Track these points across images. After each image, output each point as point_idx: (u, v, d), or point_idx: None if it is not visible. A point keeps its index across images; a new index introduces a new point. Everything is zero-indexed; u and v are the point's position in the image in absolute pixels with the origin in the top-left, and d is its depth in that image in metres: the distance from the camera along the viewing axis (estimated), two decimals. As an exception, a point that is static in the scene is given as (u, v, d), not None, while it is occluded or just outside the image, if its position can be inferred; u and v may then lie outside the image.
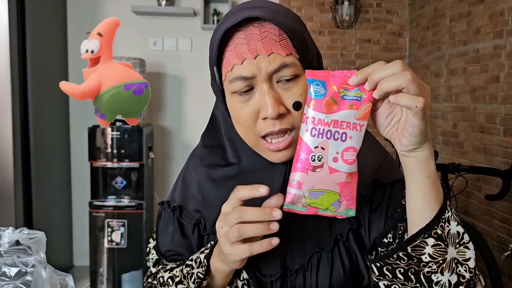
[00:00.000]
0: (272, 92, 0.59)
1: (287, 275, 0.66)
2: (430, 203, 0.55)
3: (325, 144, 0.52)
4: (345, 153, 0.53)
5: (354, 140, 0.53)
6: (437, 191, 0.55)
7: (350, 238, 0.66)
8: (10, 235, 0.50)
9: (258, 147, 0.64)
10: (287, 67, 0.58)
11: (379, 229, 0.64)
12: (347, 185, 0.53)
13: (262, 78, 0.59)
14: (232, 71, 0.60)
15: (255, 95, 0.60)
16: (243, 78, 0.59)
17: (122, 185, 2.44)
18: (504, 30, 2.12)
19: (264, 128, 0.61)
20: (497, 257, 1.98)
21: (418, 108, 0.48)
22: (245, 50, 0.58)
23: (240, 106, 0.62)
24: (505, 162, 2.11)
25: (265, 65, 0.58)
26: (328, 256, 0.65)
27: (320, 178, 0.53)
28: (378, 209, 0.66)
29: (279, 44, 0.58)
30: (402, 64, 0.49)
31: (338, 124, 0.52)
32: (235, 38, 0.59)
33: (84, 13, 2.83)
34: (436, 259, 0.54)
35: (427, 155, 0.53)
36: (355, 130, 0.53)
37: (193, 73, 2.95)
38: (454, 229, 0.55)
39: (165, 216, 0.77)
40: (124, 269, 2.44)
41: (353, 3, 2.94)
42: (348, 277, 0.65)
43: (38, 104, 2.35)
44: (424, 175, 0.54)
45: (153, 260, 0.78)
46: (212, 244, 0.66)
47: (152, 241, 0.79)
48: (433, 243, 0.54)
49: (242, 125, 0.63)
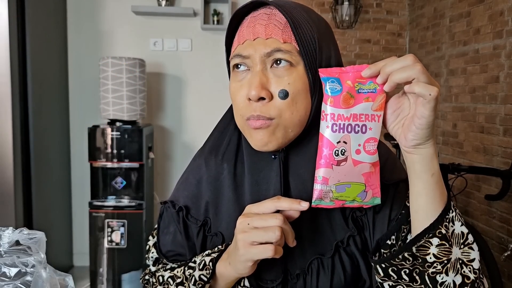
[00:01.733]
0: (260, 75, 0.60)
1: (287, 279, 0.66)
2: (433, 202, 0.55)
3: (347, 138, 0.54)
4: (367, 144, 0.54)
5: (373, 131, 0.54)
6: (440, 190, 0.56)
7: (351, 244, 0.65)
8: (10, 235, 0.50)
9: (245, 131, 0.65)
10: (282, 52, 0.60)
11: (382, 230, 0.64)
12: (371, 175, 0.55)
13: (256, 59, 0.61)
14: (235, 50, 0.63)
15: (248, 76, 0.62)
16: (240, 56, 0.62)
17: (122, 185, 2.44)
18: (504, 30, 2.12)
19: (246, 110, 0.62)
20: (497, 257, 1.98)
21: (432, 96, 0.49)
22: (249, 32, 0.62)
23: (234, 85, 0.64)
24: (505, 162, 2.11)
25: (261, 47, 0.60)
26: (329, 262, 0.65)
27: (345, 171, 0.54)
28: (382, 210, 0.65)
29: (280, 31, 0.60)
30: (413, 57, 0.51)
31: (357, 117, 0.54)
32: (246, 22, 0.63)
33: (84, 13, 2.83)
34: (441, 259, 0.54)
35: (430, 152, 0.54)
36: (373, 121, 0.54)
37: (193, 73, 2.95)
38: (458, 230, 0.56)
39: (166, 216, 0.76)
40: (124, 269, 2.44)
41: (353, 3, 2.94)
42: (349, 281, 0.64)
43: (38, 104, 2.35)
44: (428, 174, 0.55)
45: (152, 259, 0.77)
46: (221, 248, 0.65)
47: (152, 239, 0.78)
48: (437, 242, 0.54)
49: (234, 106, 0.65)
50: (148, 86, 2.85)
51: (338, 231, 0.66)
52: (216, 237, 0.70)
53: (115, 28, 2.87)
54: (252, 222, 0.57)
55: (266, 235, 0.56)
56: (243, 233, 0.57)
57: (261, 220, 0.57)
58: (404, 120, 0.55)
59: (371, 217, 0.66)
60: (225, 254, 0.63)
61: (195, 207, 0.73)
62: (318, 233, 0.66)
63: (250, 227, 0.57)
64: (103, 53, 2.85)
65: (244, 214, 0.60)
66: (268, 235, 0.56)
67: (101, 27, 2.86)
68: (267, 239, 0.56)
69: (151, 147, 2.62)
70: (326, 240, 0.65)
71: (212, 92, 2.96)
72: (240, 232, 0.58)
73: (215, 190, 0.71)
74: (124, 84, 2.39)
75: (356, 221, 0.66)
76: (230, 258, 0.61)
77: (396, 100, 0.55)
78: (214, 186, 0.72)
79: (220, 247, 0.65)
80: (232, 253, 0.60)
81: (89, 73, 2.84)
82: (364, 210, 0.66)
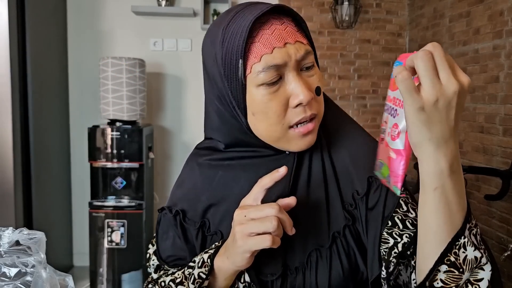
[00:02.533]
0: (301, 78, 0.61)
1: (287, 273, 0.66)
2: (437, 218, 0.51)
3: (387, 119, 0.56)
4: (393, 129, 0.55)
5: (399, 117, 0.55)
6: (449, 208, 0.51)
7: (347, 235, 0.66)
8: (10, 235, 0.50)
9: (283, 139, 0.64)
10: (310, 54, 0.62)
11: (377, 227, 0.64)
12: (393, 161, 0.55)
13: (291, 66, 0.60)
14: (261, 61, 0.59)
15: (283, 84, 0.61)
16: (275, 67, 0.59)
17: (122, 185, 2.44)
18: (504, 30, 2.12)
19: (296, 115, 0.62)
20: (497, 257, 1.98)
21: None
22: (273, 39, 0.59)
23: (269, 98, 0.61)
24: (504, 162, 2.11)
25: (294, 52, 0.60)
26: (327, 254, 0.65)
27: (382, 149, 0.57)
28: (375, 207, 0.65)
29: (298, 33, 0.62)
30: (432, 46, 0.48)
31: (395, 101, 0.55)
32: (259, 30, 0.60)
33: (84, 13, 2.83)
34: (449, 285, 0.52)
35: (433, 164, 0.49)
36: (402, 107, 0.54)
37: (193, 73, 2.95)
38: (471, 255, 0.52)
39: (164, 222, 0.75)
40: (124, 269, 2.44)
41: (352, 3, 2.94)
42: (347, 275, 0.65)
43: (38, 104, 2.35)
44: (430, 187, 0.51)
45: (154, 266, 0.77)
46: (218, 244, 0.65)
47: (152, 247, 0.78)
48: (445, 269, 0.52)
49: (270, 118, 0.62)
50: (148, 86, 2.85)
51: (334, 221, 0.66)
52: (216, 236, 0.70)
53: (115, 28, 2.87)
54: (248, 213, 0.58)
55: (263, 225, 0.56)
56: (241, 225, 0.58)
57: (257, 211, 0.57)
58: None
59: (364, 213, 0.66)
60: (222, 249, 0.63)
61: (192, 210, 0.72)
62: (315, 224, 0.66)
63: (247, 219, 0.58)
64: (103, 53, 2.85)
65: (240, 207, 0.60)
66: (265, 225, 0.56)
67: (101, 27, 2.86)
68: (264, 229, 0.56)
69: (151, 147, 2.62)
70: (324, 231, 0.66)
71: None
72: (237, 225, 0.58)
73: (212, 191, 0.71)
74: (124, 84, 2.39)
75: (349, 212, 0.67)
76: (227, 252, 0.61)
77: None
78: (211, 187, 0.72)
79: (217, 244, 0.66)
80: (230, 246, 0.60)
81: (89, 73, 2.84)
82: (355, 204, 0.66)
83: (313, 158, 0.69)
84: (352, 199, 0.67)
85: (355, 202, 0.66)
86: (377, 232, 0.64)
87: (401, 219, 0.63)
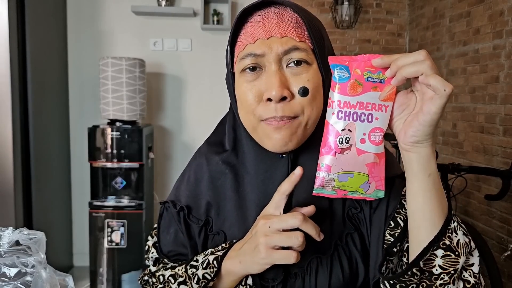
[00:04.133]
0: (279, 74, 0.59)
1: (287, 278, 0.66)
2: (430, 203, 0.55)
3: (352, 126, 0.53)
4: (372, 134, 0.54)
5: (380, 121, 0.54)
6: (438, 193, 0.55)
7: (349, 242, 0.66)
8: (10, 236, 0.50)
9: (256, 132, 0.64)
10: (298, 50, 0.59)
11: (380, 227, 0.64)
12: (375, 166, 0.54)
13: (272, 58, 0.59)
14: (244, 49, 0.61)
15: (262, 76, 0.61)
16: (253, 55, 0.60)
17: (122, 185, 2.44)
18: (504, 30, 2.12)
19: (265, 112, 0.60)
20: (497, 257, 1.98)
21: (446, 93, 0.48)
22: (260, 31, 0.60)
23: (246, 86, 0.62)
24: (504, 162, 2.11)
25: (277, 45, 0.59)
26: (328, 261, 0.65)
27: (349, 160, 0.54)
28: (379, 207, 0.65)
29: (294, 30, 0.60)
30: (425, 53, 0.50)
31: (364, 105, 0.53)
32: (253, 21, 0.61)
33: (84, 13, 2.83)
34: (448, 269, 0.54)
35: (428, 152, 0.54)
36: (380, 111, 0.54)
37: (193, 73, 2.95)
38: (462, 239, 0.55)
39: (167, 215, 0.75)
40: (124, 269, 2.44)
41: (353, 3, 2.94)
42: (347, 280, 0.64)
43: (38, 104, 2.35)
44: (424, 173, 0.54)
45: (152, 259, 0.76)
46: (226, 246, 0.65)
47: (151, 239, 0.77)
48: (442, 254, 0.54)
49: (245, 107, 0.63)
50: (148, 86, 2.85)
51: (337, 229, 0.66)
52: (218, 236, 0.70)
53: (115, 28, 2.87)
54: (272, 224, 0.57)
55: (289, 240, 0.56)
56: (265, 237, 0.57)
57: (281, 222, 0.57)
58: (408, 116, 0.55)
59: (368, 214, 0.66)
60: (232, 251, 0.63)
61: (196, 207, 0.72)
62: None
63: (272, 230, 0.57)
64: (103, 53, 2.85)
65: (263, 216, 0.59)
66: (291, 241, 0.56)
67: (101, 27, 2.86)
68: (290, 244, 0.56)
69: (151, 147, 2.62)
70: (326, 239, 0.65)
71: (212, 92, 2.96)
72: (262, 236, 0.57)
73: (217, 190, 0.71)
74: (124, 84, 2.39)
75: (353, 218, 0.66)
76: (241, 257, 0.61)
77: (404, 96, 0.55)
78: (216, 185, 0.71)
79: (225, 245, 0.65)
80: (248, 254, 0.60)
81: (89, 73, 2.84)
82: (359, 207, 0.66)
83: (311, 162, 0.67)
84: (356, 201, 0.66)
85: (359, 204, 0.66)
86: (380, 232, 0.64)
87: (403, 220, 0.64)
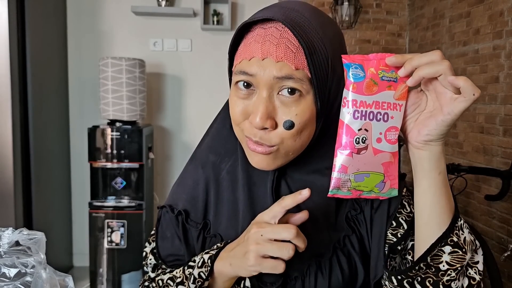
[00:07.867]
0: (267, 102, 0.57)
1: (286, 282, 0.66)
2: (439, 201, 0.56)
3: (369, 126, 0.53)
4: (388, 133, 0.54)
5: (395, 119, 0.54)
6: (447, 192, 0.56)
7: (347, 244, 0.65)
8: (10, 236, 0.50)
9: (243, 143, 0.64)
10: (293, 80, 0.55)
11: (381, 227, 0.64)
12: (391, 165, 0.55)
13: (264, 81, 0.56)
14: (240, 64, 0.59)
15: (253, 97, 0.59)
16: (245, 74, 0.58)
17: (122, 186, 2.44)
18: (504, 30, 2.12)
19: (247, 130, 0.60)
20: (497, 257, 1.98)
21: (474, 97, 0.49)
22: (257, 48, 0.56)
23: (236, 100, 0.61)
24: (504, 163, 2.11)
25: (270, 69, 0.56)
26: (327, 264, 0.65)
27: (365, 160, 0.53)
28: (380, 207, 0.65)
29: (293, 55, 0.55)
30: (440, 53, 0.51)
31: (379, 105, 0.53)
32: (255, 33, 0.58)
33: (84, 13, 2.83)
34: (455, 266, 0.55)
35: (439, 150, 0.55)
36: (395, 110, 0.54)
37: (193, 74, 2.95)
38: (468, 237, 0.57)
39: (164, 220, 0.74)
40: (124, 269, 2.44)
41: (352, 3, 2.94)
42: (346, 281, 0.64)
43: (38, 104, 2.35)
44: (435, 171, 0.55)
45: (151, 265, 0.76)
46: (219, 246, 0.64)
47: (148, 245, 0.77)
48: (449, 250, 0.55)
49: (233, 120, 0.63)
50: (148, 86, 2.85)
51: (335, 231, 0.66)
52: (214, 239, 0.70)
53: (115, 28, 2.87)
54: (265, 233, 0.56)
55: (279, 251, 0.55)
56: (257, 245, 0.56)
57: (274, 233, 0.56)
58: (419, 115, 0.55)
59: (369, 214, 0.66)
60: (224, 252, 0.63)
61: (194, 210, 0.72)
62: (316, 235, 0.65)
63: (264, 239, 0.56)
64: (103, 53, 2.85)
65: (256, 222, 0.59)
66: (281, 252, 0.55)
67: (101, 27, 2.86)
68: (280, 256, 0.55)
69: (151, 148, 2.62)
70: (324, 241, 0.65)
71: (212, 92, 2.96)
72: (253, 243, 0.57)
73: (214, 192, 0.71)
74: (124, 84, 2.39)
75: (351, 220, 0.66)
76: (232, 259, 0.60)
77: (415, 95, 0.55)
78: (213, 187, 0.71)
79: (219, 245, 0.65)
80: (238, 258, 0.59)
81: (89, 73, 2.84)
82: (359, 208, 0.66)
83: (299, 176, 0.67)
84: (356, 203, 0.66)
85: (360, 205, 0.66)
86: (382, 232, 0.64)
87: (405, 220, 0.64)
